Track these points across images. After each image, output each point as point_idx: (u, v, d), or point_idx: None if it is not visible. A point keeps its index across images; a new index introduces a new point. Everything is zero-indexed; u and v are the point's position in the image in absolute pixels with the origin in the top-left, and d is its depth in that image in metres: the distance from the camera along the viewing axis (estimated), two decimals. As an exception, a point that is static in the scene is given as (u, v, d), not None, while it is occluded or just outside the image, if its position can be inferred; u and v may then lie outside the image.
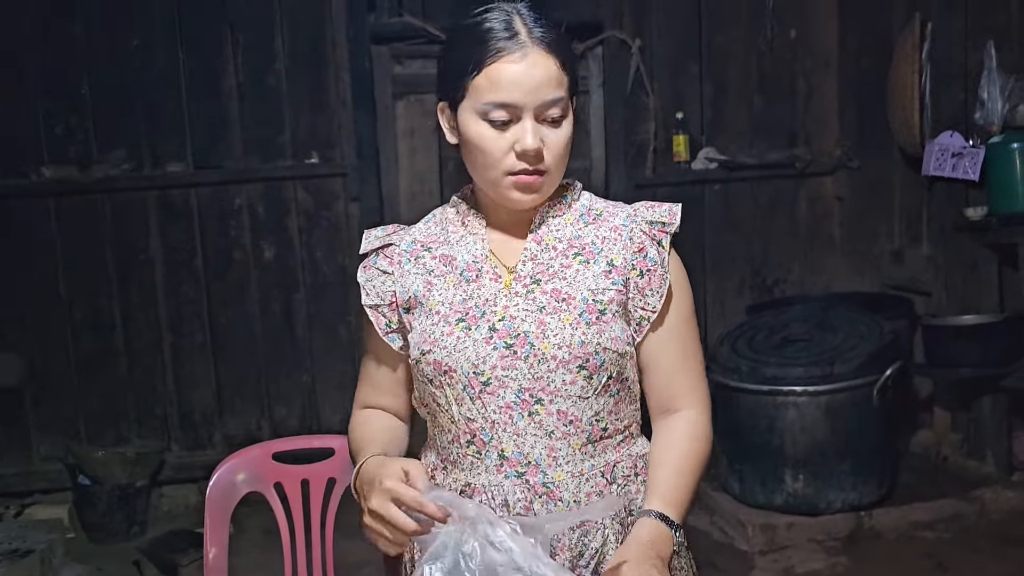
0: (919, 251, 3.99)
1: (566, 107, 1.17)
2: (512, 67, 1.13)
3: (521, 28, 1.15)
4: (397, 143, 4.02)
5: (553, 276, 1.21)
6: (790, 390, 3.21)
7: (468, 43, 1.16)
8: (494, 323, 1.18)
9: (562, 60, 1.16)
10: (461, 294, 1.21)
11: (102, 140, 3.89)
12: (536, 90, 1.14)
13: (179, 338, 4.01)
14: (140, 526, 3.65)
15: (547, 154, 1.17)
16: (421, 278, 1.24)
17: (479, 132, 1.16)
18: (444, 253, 1.25)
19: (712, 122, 4.28)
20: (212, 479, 2.03)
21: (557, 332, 1.17)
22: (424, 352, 1.20)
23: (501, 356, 1.17)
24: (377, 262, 1.28)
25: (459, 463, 1.21)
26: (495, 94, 1.14)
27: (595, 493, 1.19)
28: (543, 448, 1.17)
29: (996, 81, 3.43)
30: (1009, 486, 3.39)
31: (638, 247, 1.22)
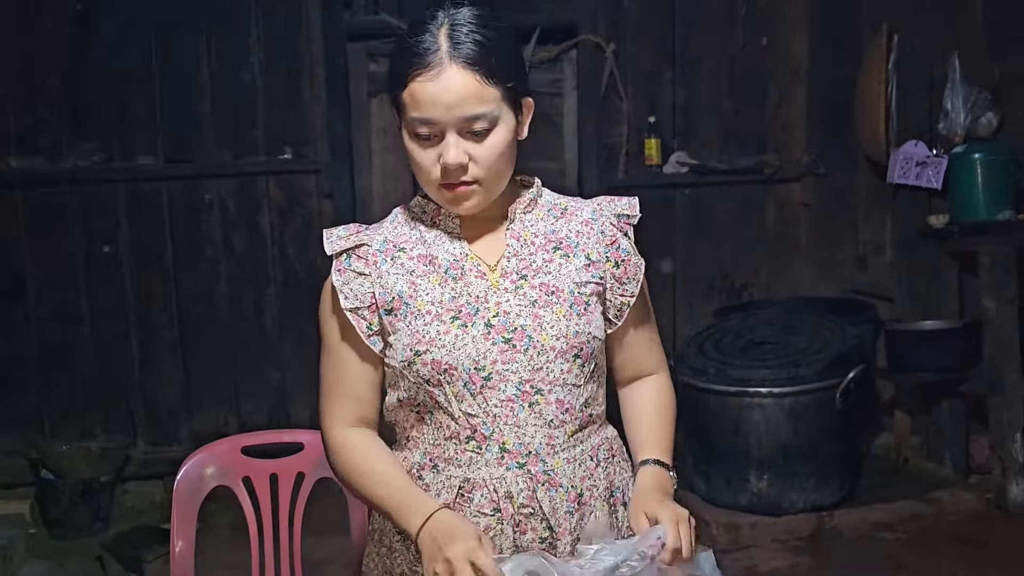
0: (883, 257, 4.07)
1: (494, 119, 1.16)
2: (428, 85, 1.13)
3: (443, 42, 1.14)
4: (371, 141, 4.02)
5: (538, 271, 1.24)
6: (756, 392, 3.26)
7: (397, 55, 1.18)
8: (489, 319, 1.20)
9: (486, 74, 1.14)
10: (449, 292, 1.22)
11: (71, 131, 3.85)
12: (454, 107, 1.14)
13: (147, 333, 3.97)
14: (104, 522, 3.62)
15: (475, 166, 1.17)
16: (403, 278, 1.23)
17: (409, 144, 1.19)
18: (422, 253, 1.25)
19: (684, 127, 4.33)
20: (180, 472, 2.02)
21: (553, 324, 1.21)
22: (419, 352, 1.19)
23: (501, 351, 1.19)
24: (352, 264, 1.24)
25: (455, 460, 1.22)
26: (416, 111, 1.15)
27: (587, 476, 1.25)
28: (543, 437, 1.22)
29: (960, 92, 3.51)
30: (966, 488, 3.47)
31: (610, 240, 1.29)
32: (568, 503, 1.22)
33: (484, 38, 1.15)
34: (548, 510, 1.21)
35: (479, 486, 1.20)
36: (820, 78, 4.33)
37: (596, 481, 1.26)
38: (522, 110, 1.22)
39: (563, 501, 1.22)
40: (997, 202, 3.42)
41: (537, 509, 1.21)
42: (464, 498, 1.21)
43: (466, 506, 1.21)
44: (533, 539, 1.21)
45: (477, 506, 1.20)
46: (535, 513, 1.21)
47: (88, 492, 3.56)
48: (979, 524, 3.28)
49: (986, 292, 3.36)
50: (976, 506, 3.38)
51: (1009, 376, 3.30)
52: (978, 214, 3.45)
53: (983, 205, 3.44)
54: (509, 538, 1.20)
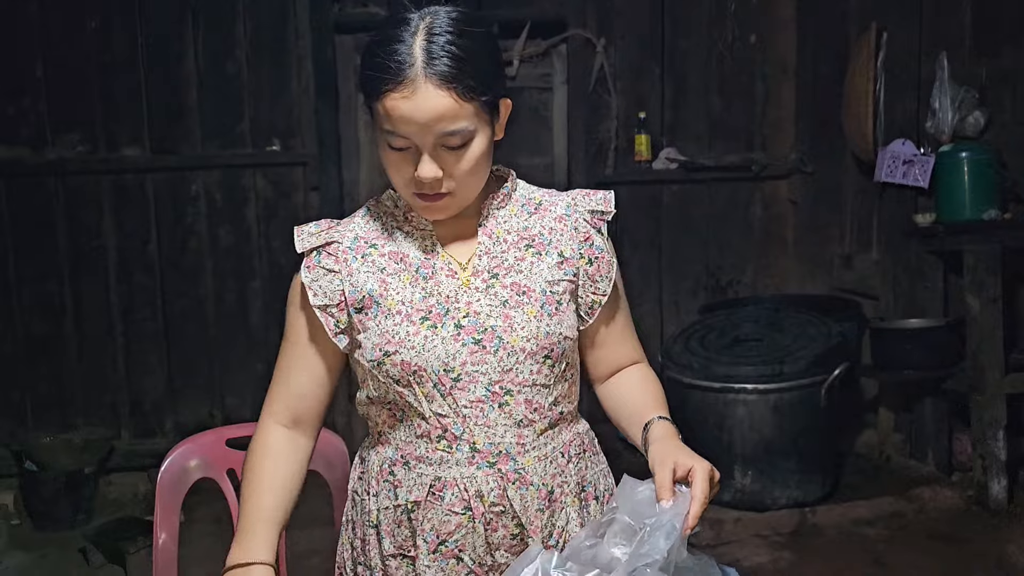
0: (869, 256, 4.08)
1: (469, 135, 1.14)
2: (401, 104, 1.10)
3: (418, 55, 1.09)
4: (358, 134, 4.01)
5: (510, 270, 1.23)
6: (740, 388, 3.28)
7: (370, 62, 1.13)
8: (459, 320, 1.19)
9: (462, 91, 1.10)
10: (420, 292, 1.21)
11: (55, 122, 3.82)
12: (428, 126, 1.11)
13: (131, 325, 3.95)
14: (87, 514, 3.60)
15: (449, 179, 1.16)
16: (374, 276, 1.22)
17: (384, 155, 1.18)
18: (393, 250, 1.24)
19: (673, 123, 4.34)
20: (164, 464, 2.01)
21: (523, 325, 1.20)
22: (388, 353, 1.18)
23: (471, 352, 1.19)
24: (321, 260, 1.23)
25: (426, 458, 1.22)
26: (390, 125, 1.13)
27: (557, 473, 1.24)
28: (512, 437, 1.21)
29: (947, 92, 3.52)
30: (948, 486, 3.50)
31: (584, 236, 1.27)
32: (539, 501, 1.22)
33: (460, 50, 1.10)
34: (519, 508, 1.21)
35: (450, 485, 1.20)
36: (808, 76, 4.34)
37: (567, 478, 1.25)
38: (499, 114, 1.19)
39: (534, 499, 1.21)
40: (983, 201, 3.44)
41: (508, 507, 1.20)
42: (435, 496, 1.21)
43: (437, 504, 1.20)
44: (504, 536, 1.21)
45: (448, 504, 1.20)
46: (506, 511, 1.21)
47: (71, 484, 3.54)
48: (960, 521, 3.30)
49: (970, 291, 3.38)
50: (957, 503, 3.40)
51: (991, 374, 3.32)
52: (964, 213, 3.47)
53: (969, 204, 3.46)
54: (481, 536, 1.20)
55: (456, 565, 1.21)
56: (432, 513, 1.20)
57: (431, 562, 1.20)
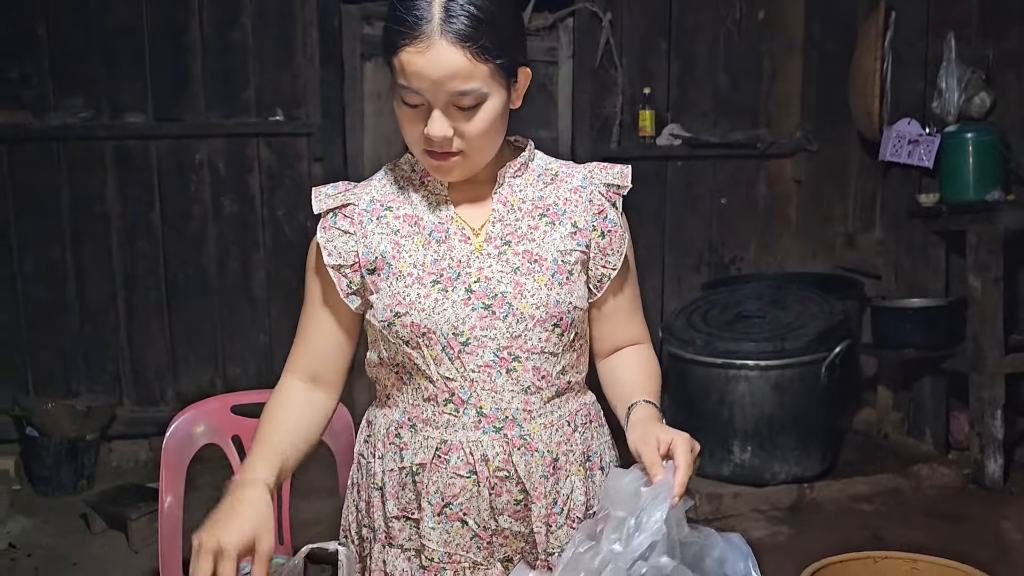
0: (872, 235, 4.09)
1: (482, 96, 1.13)
2: (416, 57, 1.10)
3: (435, 12, 1.10)
4: (363, 104, 3.99)
5: (522, 237, 1.23)
6: (742, 364, 3.29)
7: (391, 17, 1.14)
8: (470, 284, 1.20)
9: (477, 50, 1.10)
10: (432, 255, 1.21)
11: (58, 86, 3.80)
12: (441, 83, 1.11)
13: (133, 293, 3.95)
14: (88, 480, 3.62)
15: (460, 139, 1.16)
16: (387, 238, 1.23)
17: (398, 111, 1.18)
18: (408, 213, 1.24)
19: (678, 99, 4.32)
20: (169, 429, 2.02)
21: (534, 292, 1.21)
22: (399, 315, 1.19)
23: (480, 317, 1.19)
24: (337, 222, 1.24)
25: (433, 421, 1.23)
26: (404, 80, 1.13)
27: (563, 441, 1.25)
28: (519, 403, 1.22)
29: (954, 72, 3.51)
30: (945, 463, 3.53)
31: (598, 209, 1.27)
32: (543, 467, 1.23)
33: (479, 11, 1.11)
34: (524, 474, 1.21)
35: (456, 448, 1.21)
36: (815, 54, 4.32)
37: (572, 446, 1.26)
38: (516, 81, 1.19)
39: (538, 465, 1.22)
40: (987, 182, 3.44)
41: (512, 472, 1.21)
42: (440, 459, 1.22)
43: (443, 467, 1.21)
44: (508, 501, 1.22)
45: (453, 468, 1.21)
46: (510, 476, 1.21)
47: (73, 450, 3.56)
48: (956, 499, 3.34)
49: (972, 271, 3.39)
50: (954, 481, 3.43)
51: (991, 354, 3.34)
52: (967, 194, 3.47)
53: (973, 185, 3.46)
54: (485, 500, 1.21)
55: (460, 528, 1.22)
56: (437, 476, 1.21)
57: (435, 524, 1.22)
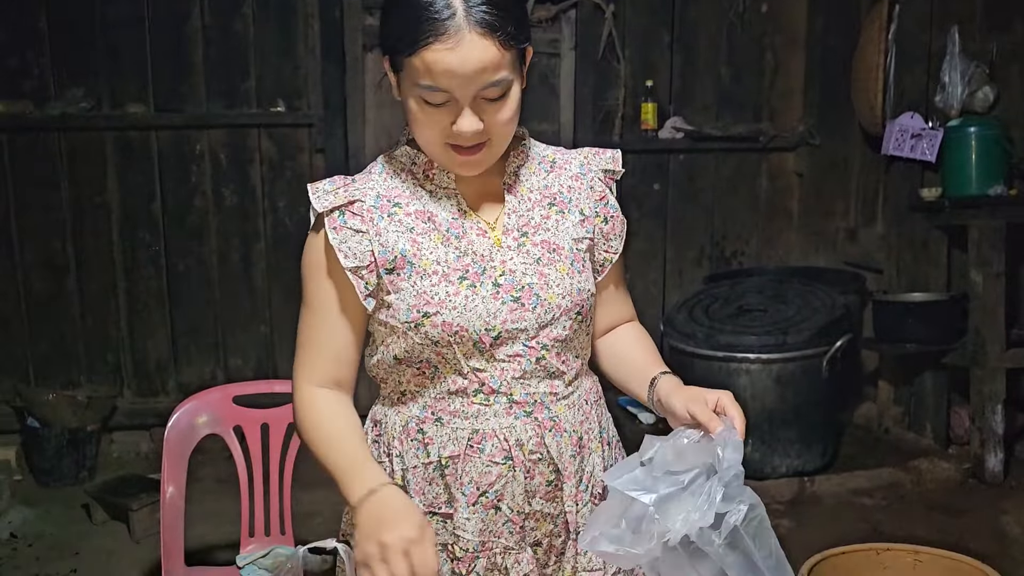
0: (874, 229, 4.08)
1: (508, 84, 1.12)
2: (445, 56, 1.06)
3: (458, 4, 1.06)
4: (365, 95, 3.98)
5: (537, 228, 1.24)
6: (743, 357, 3.29)
7: (405, 11, 1.09)
8: (496, 278, 1.19)
9: (504, 39, 1.08)
10: (453, 251, 1.20)
11: (59, 76, 3.79)
12: (471, 78, 1.08)
13: (134, 283, 3.95)
14: (89, 471, 3.62)
15: (487, 130, 1.14)
16: (403, 236, 1.19)
17: (417, 109, 1.13)
18: (419, 209, 1.21)
19: (680, 92, 4.31)
20: (171, 419, 2.03)
21: (558, 282, 1.22)
22: (427, 314, 1.17)
23: (511, 310, 1.19)
24: (347, 221, 1.19)
25: (462, 412, 1.22)
26: (429, 80, 1.08)
27: (584, 420, 1.28)
28: (546, 387, 1.24)
29: (958, 66, 3.50)
30: (945, 458, 3.53)
31: (599, 195, 1.29)
32: (571, 447, 1.25)
33: None
34: (555, 454, 1.23)
35: (489, 436, 1.21)
36: (818, 47, 4.31)
37: (591, 424, 1.29)
38: (525, 61, 1.17)
39: (567, 445, 1.25)
40: (989, 177, 3.44)
41: (545, 454, 1.23)
42: (474, 448, 1.21)
43: (477, 456, 1.21)
44: (541, 483, 1.23)
45: (489, 455, 1.21)
46: (543, 458, 1.23)
47: (74, 441, 3.56)
48: (956, 493, 3.34)
49: (974, 266, 3.39)
50: (954, 475, 3.44)
51: (992, 349, 3.34)
52: (970, 188, 3.47)
53: (975, 180, 3.46)
54: (520, 484, 1.22)
55: (495, 515, 1.22)
56: (471, 466, 1.21)
57: (471, 515, 1.21)
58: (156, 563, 2.00)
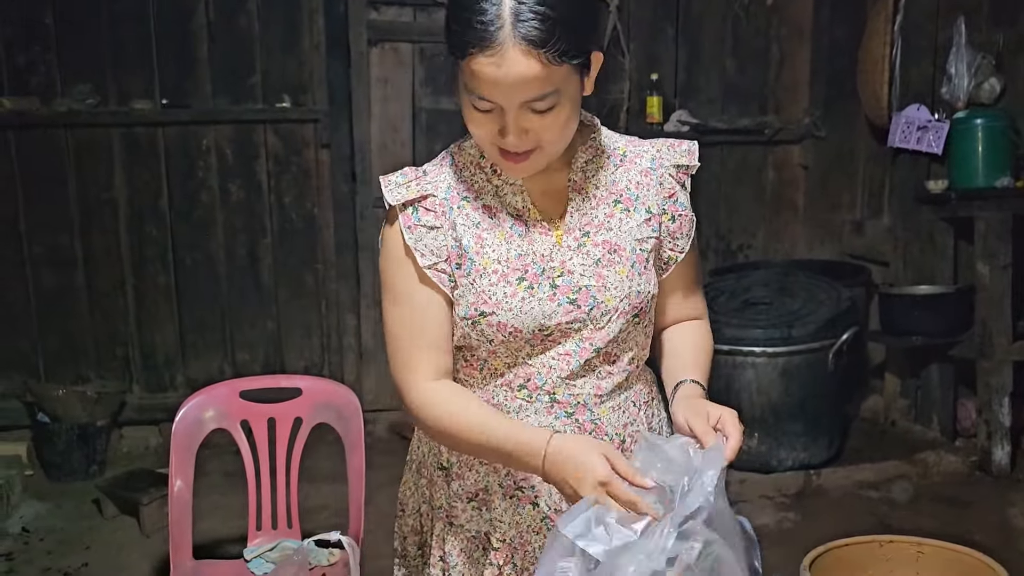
0: (880, 222, 4.07)
1: (557, 97, 1.09)
2: (488, 68, 1.06)
3: (507, 16, 1.04)
4: (370, 90, 3.98)
5: (600, 227, 1.22)
6: (749, 351, 3.29)
7: (457, 16, 1.08)
8: (554, 279, 1.19)
9: (551, 55, 1.05)
10: (516, 250, 1.19)
11: (66, 72, 3.80)
12: (514, 91, 1.07)
13: (142, 279, 3.96)
14: (99, 465, 3.64)
15: (535, 138, 1.12)
16: (470, 231, 1.20)
17: (467, 111, 1.14)
18: (485, 204, 1.21)
19: (686, 85, 4.30)
20: (179, 414, 2.04)
21: (616, 284, 1.21)
22: (484, 314, 1.18)
23: (566, 312, 1.19)
24: (421, 218, 1.18)
25: (503, 405, 1.23)
26: (475, 87, 1.09)
27: (629, 423, 1.27)
28: (591, 388, 1.23)
29: (964, 57, 3.49)
30: (952, 450, 3.53)
31: (668, 192, 1.26)
32: None
33: (551, 9, 1.04)
34: None
35: None
36: (824, 39, 4.30)
37: (638, 426, 1.28)
38: (590, 68, 1.14)
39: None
40: (996, 169, 3.43)
41: None
42: None
43: None
44: None
45: None
46: None
47: (84, 436, 3.58)
48: (962, 486, 3.34)
49: (980, 258, 3.38)
50: (960, 468, 3.44)
51: (999, 341, 3.33)
52: (976, 180, 3.46)
53: (982, 171, 3.45)
54: None
55: (532, 511, 1.23)
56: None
57: (507, 506, 1.23)
58: (166, 556, 2.02)
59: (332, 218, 4.02)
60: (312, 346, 4.12)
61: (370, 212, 4.01)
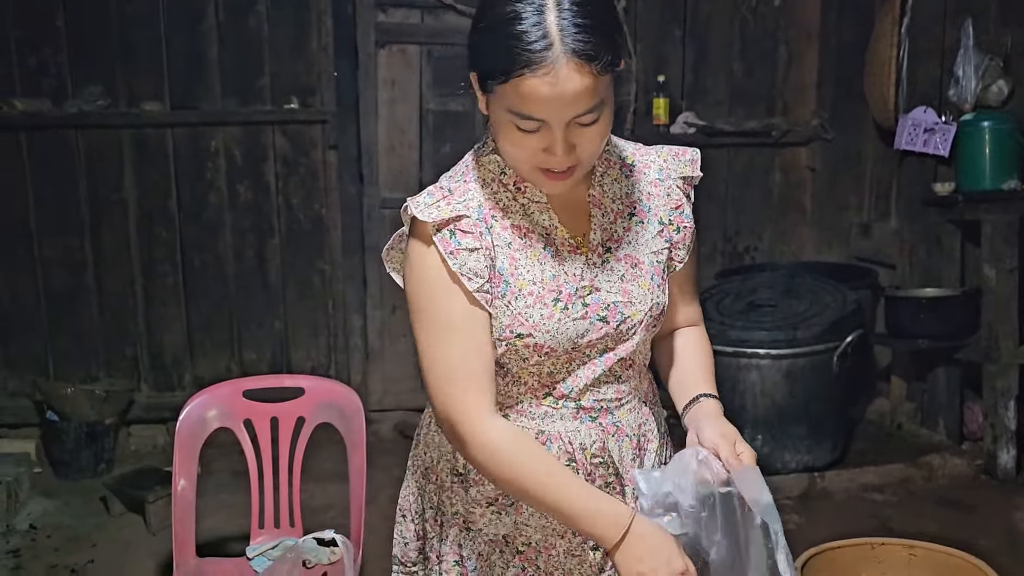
0: (887, 224, 4.06)
1: (602, 108, 1.09)
2: (540, 87, 1.04)
3: (555, 34, 1.03)
4: (378, 92, 4.00)
5: (620, 241, 1.24)
6: (754, 352, 3.29)
7: (497, 38, 1.05)
8: (585, 298, 1.21)
9: (601, 67, 1.05)
10: (550, 270, 1.20)
11: (77, 74, 3.84)
12: (567, 108, 1.06)
13: (151, 279, 4.00)
14: (107, 464, 3.68)
15: (578, 153, 1.12)
16: (503, 252, 1.19)
17: (507, 132, 1.11)
18: (514, 223, 1.20)
19: (693, 87, 4.30)
20: (182, 413, 2.06)
21: (640, 299, 1.24)
22: (520, 335, 1.18)
23: (598, 329, 1.22)
24: (460, 241, 1.15)
25: (528, 412, 1.25)
26: (523, 107, 1.06)
27: (643, 422, 1.32)
28: (613, 393, 1.27)
29: (971, 60, 3.48)
30: (957, 454, 3.52)
31: (675, 204, 1.29)
32: (631, 450, 1.29)
33: (593, 20, 1.05)
34: (617, 459, 1.27)
35: (555, 438, 1.24)
36: (832, 41, 4.28)
37: (650, 424, 1.32)
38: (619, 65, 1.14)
39: (628, 449, 1.28)
40: (1003, 171, 3.42)
41: (607, 458, 1.26)
42: None
43: None
44: (601, 486, 1.26)
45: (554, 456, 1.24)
46: (604, 462, 1.26)
47: (92, 434, 3.61)
48: (968, 489, 3.33)
49: (987, 261, 3.37)
50: (966, 471, 3.43)
51: (1005, 345, 3.32)
52: (983, 183, 3.45)
53: (989, 174, 3.44)
54: None
55: None
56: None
57: (534, 511, 1.24)
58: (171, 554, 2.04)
59: (339, 219, 4.04)
60: (319, 346, 4.15)
61: (377, 213, 4.03)
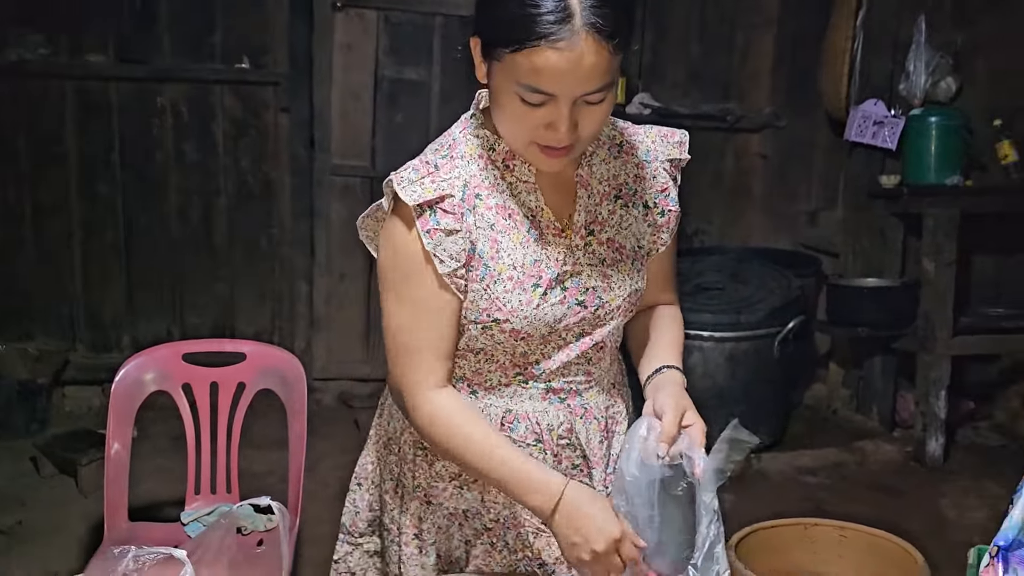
0: (834, 214, 4.14)
1: (611, 86, 1.07)
2: (556, 60, 1.01)
3: (575, 5, 1.00)
4: (332, 56, 3.92)
5: (604, 224, 1.22)
6: (696, 335, 3.33)
7: (513, 4, 1.02)
8: (565, 282, 1.19)
9: (619, 44, 1.03)
10: (531, 255, 1.17)
11: (16, 21, 3.68)
12: (579, 83, 1.04)
13: (90, 236, 3.89)
14: (41, 424, 3.59)
15: (581, 131, 1.09)
16: (484, 234, 1.16)
17: (510, 103, 1.08)
18: (499, 203, 1.17)
19: (650, 68, 4.30)
20: (118, 374, 2.01)
21: (620, 285, 1.23)
22: (497, 320, 1.16)
23: (575, 314, 1.20)
24: (439, 221, 1.13)
25: (497, 390, 1.23)
26: (533, 79, 1.03)
27: (611, 405, 1.31)
28: (583, 376, 1.26)
29: (923, 55, 3.54)
30: (889, 440, 3.63)
31: (661, 187, 1.27)
32: (599, 433, 1.28)
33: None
34: (584, 440, 1.26)
35: (522, 418, 1.24)
36: (789, 29, 4.32)
37: (618, 407, 1.32)
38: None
39: (595, 432, 1.28)
40: (947, 167, 3.50)
41: (573, 440, 1.26)
42: (505, 428, 1.23)
43: (508, 435, 1.22)
44: (568, 467, 1.26)
45: (520, 436, 1.23)
46: (571, 443, 1.26)
47: (25, 393, 3.52)
48: (897, 475, 3.43)
49: (927, 254, 3.45)
50: (896, 457, 3.53)
51: (940, 336, 3.42)
52: (928, 177, 3.53)
53: (934, 169, 3.52)
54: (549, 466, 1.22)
55: None
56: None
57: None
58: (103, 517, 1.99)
59: (288, 183, 3.97)
60: (263, 312, 4.08)
61: (327, 179, 3.97)
